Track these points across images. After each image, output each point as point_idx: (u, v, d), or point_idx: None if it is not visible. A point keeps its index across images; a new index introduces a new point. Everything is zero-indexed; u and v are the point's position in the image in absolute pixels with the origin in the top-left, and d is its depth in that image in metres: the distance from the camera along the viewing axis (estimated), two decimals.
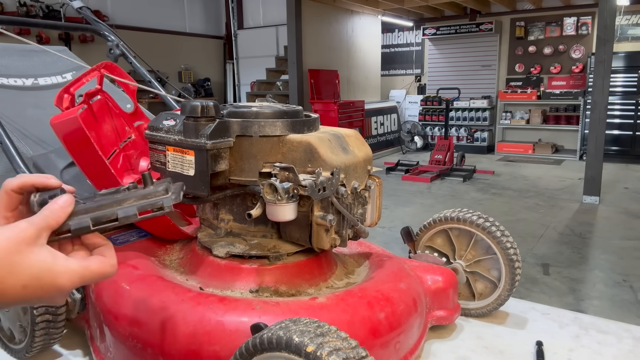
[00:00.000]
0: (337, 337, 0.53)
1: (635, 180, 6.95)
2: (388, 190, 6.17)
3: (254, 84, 10.69)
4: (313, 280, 0.81)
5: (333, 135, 0.83)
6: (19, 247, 0.49)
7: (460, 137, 9.82)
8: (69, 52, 1.40)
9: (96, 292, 0.83)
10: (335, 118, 7.87)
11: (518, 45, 9.61)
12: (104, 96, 1.01)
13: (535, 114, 9.24)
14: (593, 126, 5.62)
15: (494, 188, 6.45)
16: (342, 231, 0.82)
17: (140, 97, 6.79)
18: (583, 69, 9.03)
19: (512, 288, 0.95)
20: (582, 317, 0.99)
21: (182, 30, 10.63)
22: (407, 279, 0.85)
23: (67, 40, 8.29)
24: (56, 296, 0.51)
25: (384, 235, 4.32)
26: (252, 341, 0.57)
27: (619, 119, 8.34)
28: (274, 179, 0.72)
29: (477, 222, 0.95)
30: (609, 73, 5.44)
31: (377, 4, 9.03)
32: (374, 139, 9.40)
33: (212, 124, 0.75)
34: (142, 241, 0.97)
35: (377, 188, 0.90)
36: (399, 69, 11.35)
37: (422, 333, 0.84)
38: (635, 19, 8.46)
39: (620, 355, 0.86)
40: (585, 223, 4.87)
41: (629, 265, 3.71)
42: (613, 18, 5.31)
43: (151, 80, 1.45)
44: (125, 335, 0.73)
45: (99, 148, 0.85)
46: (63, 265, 0.51)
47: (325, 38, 8.67)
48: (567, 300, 3.14)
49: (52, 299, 0.51)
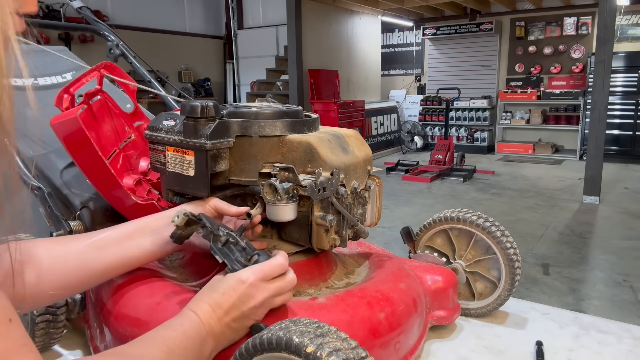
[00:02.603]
0: (337, 338, 0.53)
1: (635, 180, 6.95)
2: (388, 190, 6.17)
3: (254, 84, 10.69)
4: (313, 280, 0.81)
5: (333, 135, 0.83)
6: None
7: (460, 137, 9.82)
8: (69, 52, 1.40)
9: (96, 292, 0.83)
10: (335, 118, 7.87)
11: (518, 45, 9.61)
12: (104, 96, 1.01)
13: (535, 114, 9.24)
14: (593, 126, 5.62)
15: (494, 188, 6.45)
16: (342, 231, 0.82)
17: (140, 97, 6.79)
18: (583, 69, 9.03)
19: (512, 288, 0.95)
20: (582, 317, 0.99)
21: (182, 30, 10.63)
22: (407, 279, 0.85)
23: (67, 40, 8.29)
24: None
25: (384, 235, 4.32)
26: (251, 341, 0.57)
27: (619, 119, 8.34)
28: (273, 179, 0.72)
29: (477, 222, 0.95)
30: (609, 73, 5.44)
31: (377, 4, 9.03)
32: (374, 139, 9.41)
33: (212, 124, 0.75)
34: None
35: (377, 188, 0.90)
36: (399, 69, 11.35)
37: (422, 333, 0.84)
38: (635, 19, 8.46)
39: (620, 355, 0.86)
40: (585, 223, 4.87)
41: (629, 265, 3.71)
42: (613, 18, 5.31)
43: (151, 80, 1.45)
44: (125, 335, 0.73)
45: (98, 148, 0.85)
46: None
47: (325, 38, 8.67)
48: (567, 300, 3.14)
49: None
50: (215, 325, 0.62)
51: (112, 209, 0.96)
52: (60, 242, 0.71)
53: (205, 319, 0.62)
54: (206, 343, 0.61)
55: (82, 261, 0.69)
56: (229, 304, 0.62)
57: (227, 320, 0.62)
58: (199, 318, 0.61)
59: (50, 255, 0.67)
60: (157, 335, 0.59)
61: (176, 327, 0.60)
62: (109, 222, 1.00)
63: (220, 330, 0.62)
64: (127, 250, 0.73)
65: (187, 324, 0.61)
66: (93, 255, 0.70)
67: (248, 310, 0.63)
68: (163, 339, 0.58)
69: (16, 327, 0.43)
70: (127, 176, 1.00)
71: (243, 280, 0.63)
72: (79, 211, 0.96)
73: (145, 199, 0.92)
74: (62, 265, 0.67)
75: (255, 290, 0.63)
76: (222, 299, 0.63)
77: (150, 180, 1.01)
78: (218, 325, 0.62)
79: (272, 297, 0.65)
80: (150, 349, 0.56)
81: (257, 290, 0.63)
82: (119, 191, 0.89)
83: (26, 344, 0.43)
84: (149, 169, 1.02)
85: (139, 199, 0.90)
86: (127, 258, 0.73)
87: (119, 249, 0.72)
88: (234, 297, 0.63)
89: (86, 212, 0.96)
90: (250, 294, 0.63)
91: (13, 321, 0.42)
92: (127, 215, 0.94)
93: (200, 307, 0.63)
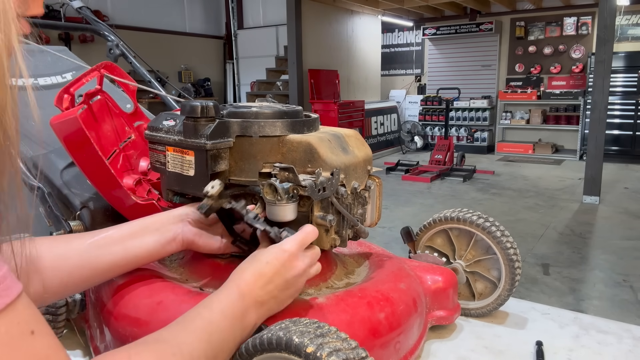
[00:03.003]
0: (337, 338, 0.53)
1: (635, 180, 6.95)
2: (388, 190, 6.17)
3: (254, 84, 10.68)
4: (313, 280, 0.81)
5: (333, 135, 0.83)
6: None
7: (460, 137, 9.82)
8: (69, 52, 1.40)
9: (96, 292, 0.83)
10: (335, 118, 7.87)
11: (518, 45, 9.61)
12: (104, 96, 1.01)
13: (535, 114, 9.24)
14: (593, 126, 5.62)
15: (494, 188, 6.45)
16: (342, 231, 0.82)
17: (140, 97, 6.79)
18: (583, 69, 9.03)
19: (512, 288, 0.95)
20: (582, 317, 0.99)
21: (182, 30, 10.63)
22: (407, 279, 0.85)
23: (67, 40, 8.29)
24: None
25: (384, 235, 4.32)
26: (251, 341, 0.57)
27: (619, 119, 8.34)
28: (273, 179, 0.72)
29: (477, 222, 0.95)
30: (609, 73, 5.44)
31: (377, 4, 9.03)
32: (374, 139, 9.40)
33: (212, 124, 0.75)
34: None
35: (377, 188, 0.90)
36: (399, 69, 11.35)
37: (422, 333, 0.84)
38: (635, 19, 8.46)
39: (620, 355, 0.86)
40: (585, 223, 4.87)
41: (629, 265, 3.71)
42: (613, 18, 5.31)
43: (151, 80, 1.45)
44: (125, 335, 0.73)
45: (99, 148, 0.85)
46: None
47: (325, 38, 8.67)
48: (567, 300, 3.14)
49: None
50: (258, 294, 0.63)
51: (112, 209, 0.96)
52: (62, 241, 0.71)
53: (248, 289, 0.63)
54: (248, 314, 0.62)
55: (84, 259, 0.69)
56: (273, 272, 0.64)
57: (270, 288, 0.64)
58: (239, 290, 0.62)
59: (52, 254, 0.67)
60: (197, 317, 0.59)
61: (215, 307, 0.60)
62: (109, 222, 1.00)
63: (263, 299, 0.64)
64: (130, 249, 0.73)
65: (226, 301, 0.61)
66: (95, 254, 0.70)
67: (292, 279, 0.65)
68: (202, 322, 0.58)
69: (40, 339, 0.41)
70: (127, 176, 1.00)
71: (285, 249, 0.66)
72: (79, 211, 0.96)
73: (145, 199, 0.92)
74: (64, 264, 0.67)
75: (297, 259, 0.66)
76: (266, 268, 0.64)
77: (150, 180, 1.01)
78: (261, 294, 0.63)
79: (309, 267, 0.68)
80: (189, 336, 0.56)
81: (298, 259, 0.67)
82: (119, 191, 0.89)
83: (49, 355, 0.41)
84: (149, 169, 1.02)
85: (139, 199, 0.90)
86: (130, 257, 0.73)
87: (122, 247, 0.72)
88: (278, 265, 0.65)
89: (86, 212, 0.96)
90: (293, 262, 0.66)
91: (36, 333, 0.41)
92: (127, 215, 0.94)
93: (243, 278, 0.64)
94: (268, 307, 0.65)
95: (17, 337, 0.39)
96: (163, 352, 0.52)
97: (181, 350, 0.53)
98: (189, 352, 0.54)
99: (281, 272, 0.65)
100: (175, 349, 0.53)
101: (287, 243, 0.67)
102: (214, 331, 0.58)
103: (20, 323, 0.40)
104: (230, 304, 0.61)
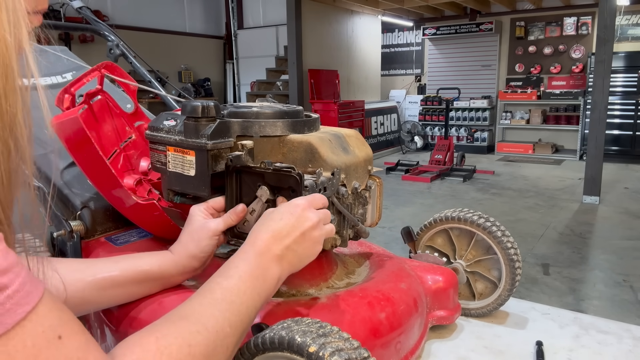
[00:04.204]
0: (340, 338, 0.53)
1: (635, 180, 6.95)
2: (388, 190, 6.17)
3: (254, 84, 10.68)
4: (314, 280, 0.81)
5: (333, 135, 0.83)
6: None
7: (460, 137, 9.82)
8: (69, 52, 1.40)
9: None
10: (335, 118, 7.87)
11: (518, 45, 9.61)
12: (105, 96, 1.01)
13: (535, 114, 9.24)
14: (593, 126, 5.62)
15: (494, 188, 6.45)
16: (343, 231, 0.82)
17: (141, 97, 6.79)
18: (583, 69, 9.03)
19: (513, 288, 0.95)
20: (582, 317, 0.99)
21: (182, 30, 10.63)
22: (407, 279, 0.85)
23: (67, 40, 8.29)
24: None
25: (384, 235, 4.32)
26: (253, 341, 0.57)
27: (619, 119, 8.34)
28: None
29: (478, 222, 0.95)
30: (609, 73, 5.44)
31: (377, 4, 9.03)
32: (374, 139, 9.40)
33: (212, 124, 0.75)
34: (143, 241, 0.97)
35: (377, 188, 0.90)
36: (399, 69, 11.35)
37: (423, 333, 0.84)
38: (635, 19, 8.47)
39: (620, 355, 0.86)
40: (585, 223, 4.87)
41: (629, 265, 3.71)
42: (613, 18, 5.31)
43: (151, 80, 1.45)
44: (126, 335, 0.73)
45: (99, 148, 0.85)
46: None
47: (325, 38, 8.67)
48: (567, 300, 3.14)
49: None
50: (277, 249, 0.64)
51: (113, 209, 0.96)
52: (70, 269, 0.70)
53: (265, 246, 0.63)
54: (269, 271, 0.62)
55: (80, 298, 0.69)
56: (289, 226, 0.65)
57: (288, 242, 0.64)
58: (256, 250, 0.63)
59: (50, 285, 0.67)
60: (216, 288, 0.59)
61: (232, 273, 0.60)
62: (110, 222, 1.00)
63: (283, 253, 0.64)
64: (131, 295, 0.75)
65: (243, 265, 0.61)
66: (96, 294, 0.71)
67: (307, 230, 0.66)
68: (222, 292, 0.58)
69: (68, 342, 0.40)
70: (128, 176, 1.00)
71: (297, 204, 0.67)
72: (79, 211, 0.96)
73: (145, 198, 0.92)
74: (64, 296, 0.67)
75: (309, 212, 0.67)
76: (281, 224, 0.65)
77: (150, 180, 1.01)
78: (280, 248, 0.64)
79: (322, 223, 0.68)
80: (211, 309, 0.56)
81: (311, 212, 0.67)
82: (120, 191, 0.89)
83: (79, 358, 0.40)
84: (149, 169, 1.02)
85: (140, 198, 0.90)
86: (131, 298, 0.76)
87: (123, 291, 0.74)
88: (292, 220, 0.65)
89: (87, 212, 0.96)
90: (305, 215, 0.66)
91: (64, 336, 0.39)
92: (128, 215, 0.94)
93: (258, 237, 0.64)
94: (288, 260, 0.65)
95: (44, 348, 0.38)
96: (188, 331, 0.52)
97: (205, 326, 0.53)
98: (213, 325, 0.54)
99: (296, 226, 0.65)
100: (199, 326, 0.53)
101: (298, 199, 0.68)
102: (234, 299, 0.58)
103: (46, 330, 0.38)
104: (247, 267, 0.61)
